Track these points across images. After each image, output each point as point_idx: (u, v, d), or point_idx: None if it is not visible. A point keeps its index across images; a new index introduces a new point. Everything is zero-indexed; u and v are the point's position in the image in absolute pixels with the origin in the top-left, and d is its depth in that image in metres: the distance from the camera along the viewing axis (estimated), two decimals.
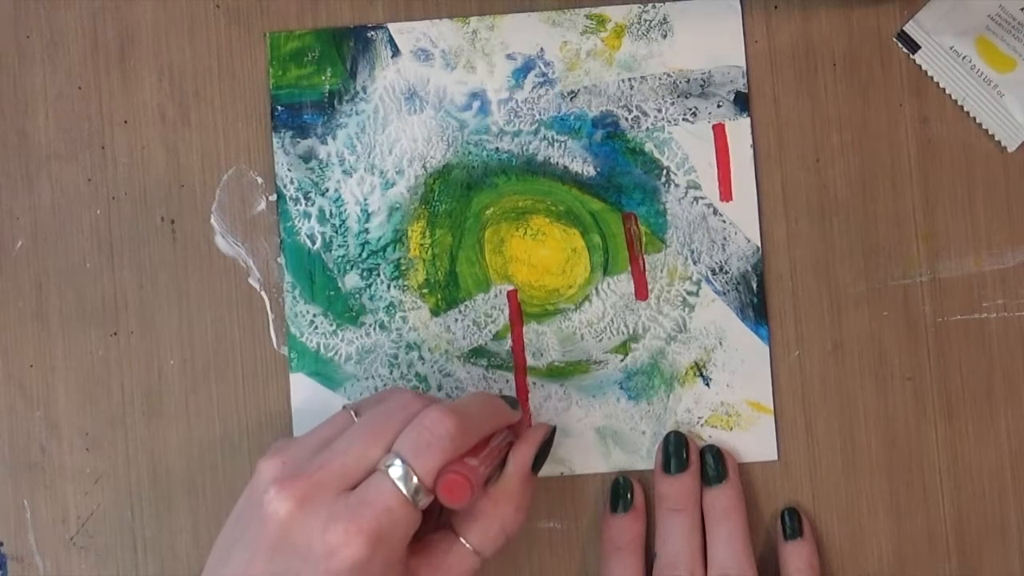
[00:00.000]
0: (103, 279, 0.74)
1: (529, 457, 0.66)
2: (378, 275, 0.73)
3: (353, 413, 0.65)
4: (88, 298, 0.73)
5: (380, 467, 0.61)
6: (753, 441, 0.72)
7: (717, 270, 0.73)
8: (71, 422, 0.73)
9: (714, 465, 0.71)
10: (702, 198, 0.73)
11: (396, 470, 0.60)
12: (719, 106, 0.73)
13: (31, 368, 0.73)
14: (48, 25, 0.75)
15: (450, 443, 0.61)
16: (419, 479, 0.60)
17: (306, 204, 0.73)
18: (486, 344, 0.73)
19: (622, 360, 0.73)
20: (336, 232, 0.73)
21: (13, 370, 0.73)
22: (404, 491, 0.60)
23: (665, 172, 0.73)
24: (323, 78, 0.74)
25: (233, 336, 0.73)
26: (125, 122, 0.74)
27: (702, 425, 0.73)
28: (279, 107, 0.74)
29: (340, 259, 0.73)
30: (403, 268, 0.73)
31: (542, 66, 0.74)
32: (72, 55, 0.75)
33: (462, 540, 0.64)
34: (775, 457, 0.72)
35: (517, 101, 0.74)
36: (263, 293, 0.73)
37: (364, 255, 0.73)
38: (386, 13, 0.74)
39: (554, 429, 0.69)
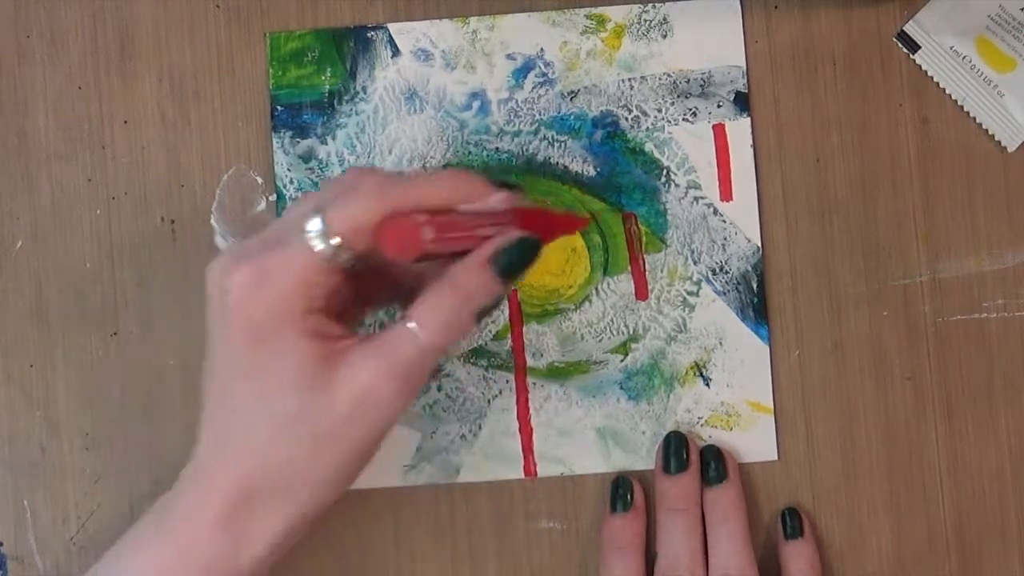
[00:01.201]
0: (103, 279, 0.73)
1: (490, 249, 0.62)
2: None
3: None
4: (88, 298, 0.73)
5: (300, 221, 0.60)
6: (753, 441, 0.72)
7: (717, 270, 0.73)
8: (71, 422, 0.73)
9: (714, 465, 0.71)
10: (702, 198, 0.73)
11: (312, 223, 0.59)
12: (719, 106, 0.73)
13: (31, 368, 0.73)
14: (48, 25, 0.75)
15: (374, 194, 0.60)
16: (334, 229, 0.59)
17: None
18: (486, 344, 0.73)
19: (622, 360, 0.73)
20: None
21: (13, 370, 0.73)
22: (315, 242, 0.59)
23: (665, 172, 0.73)
24: (323, 78, 0.74)
25: None
26: (125, 122, 0.74)
27: (702, 425, 0.73)
28: (279, 107, 0.74)
29: None
30: None
31: (542, 66, 0.74)
32: (72, 55, 0.75)
33: (406, 322, 0.61)
34: (775, 457, 0.72)
35: (517, 101, 0.74)
36: None
37: None
38: (386, 13, 0.74)
39: (539, 241, 0.63)
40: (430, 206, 0.61)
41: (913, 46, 0.73)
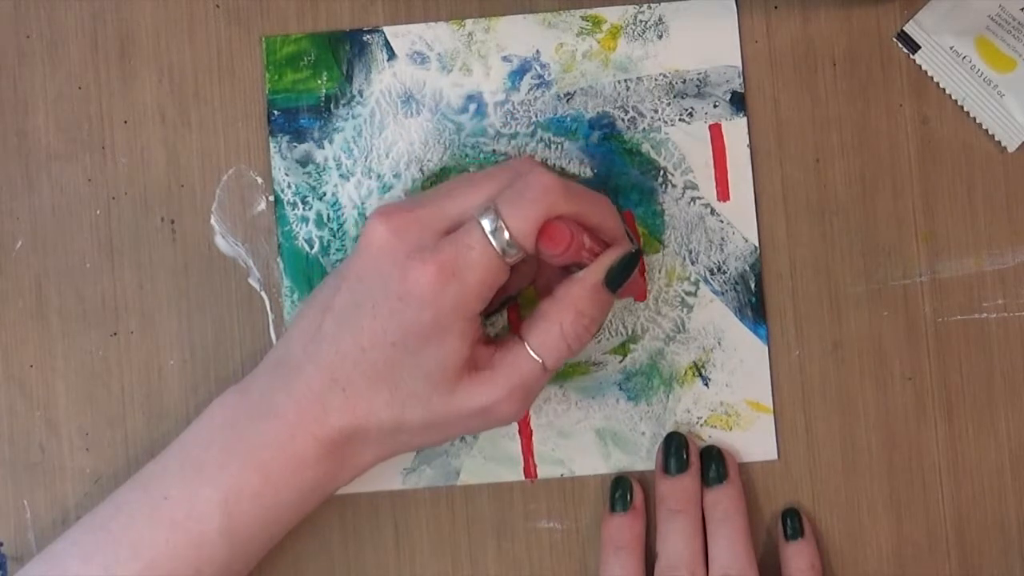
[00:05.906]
0: (103, 279, 0.74)
1: (604, 266, 0.66)
2: None
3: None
4: (88, 298, 0.74)
5: (474, 216, 0.63)
6: (753, 441, 0.72)
7: (715, 270, 0.73)
8: (71, 422, 0.73)
9: (715, 466, 0.71)
10: (699, 198, 0.73)
11: (488, 221, 0.63)
12: (715, 106, 0.73)
13: (31, 368, 0.73)
14: (48, 25, 0.75)
15: (544, 198, 0.63)
16: (508, 229, 0.62)
17: (304, 208, 0.73)
18: None
19: (621, 361, 0.73)
20: (334, 236, 0.73)
21: (13, 370, 0.73)
22: (492, 240, 0.63)
23: (662, 173, 0.73)
24: (319, 82, 0.74)
25: (233, 336, 0.74)
26: (125, 122, 0.74)
27: (701, 425, 0.73)
28: (276, 111, 0.74)
29: (338, 263, 0.73)
30: None
31: (538, 68, 0.73)
32: (72, 55, 0.75)
33: (524, 343, 0.65)
34: (775, 457, 0.72)
35: (513, 103, 0.73)
36: (263, 293, 0.73)
37: None
38: (386, 14, 0.74)
39: (639, 250, 0.68)
40: (583, 221, 0.65)
41: (913, 46, 0.73)
